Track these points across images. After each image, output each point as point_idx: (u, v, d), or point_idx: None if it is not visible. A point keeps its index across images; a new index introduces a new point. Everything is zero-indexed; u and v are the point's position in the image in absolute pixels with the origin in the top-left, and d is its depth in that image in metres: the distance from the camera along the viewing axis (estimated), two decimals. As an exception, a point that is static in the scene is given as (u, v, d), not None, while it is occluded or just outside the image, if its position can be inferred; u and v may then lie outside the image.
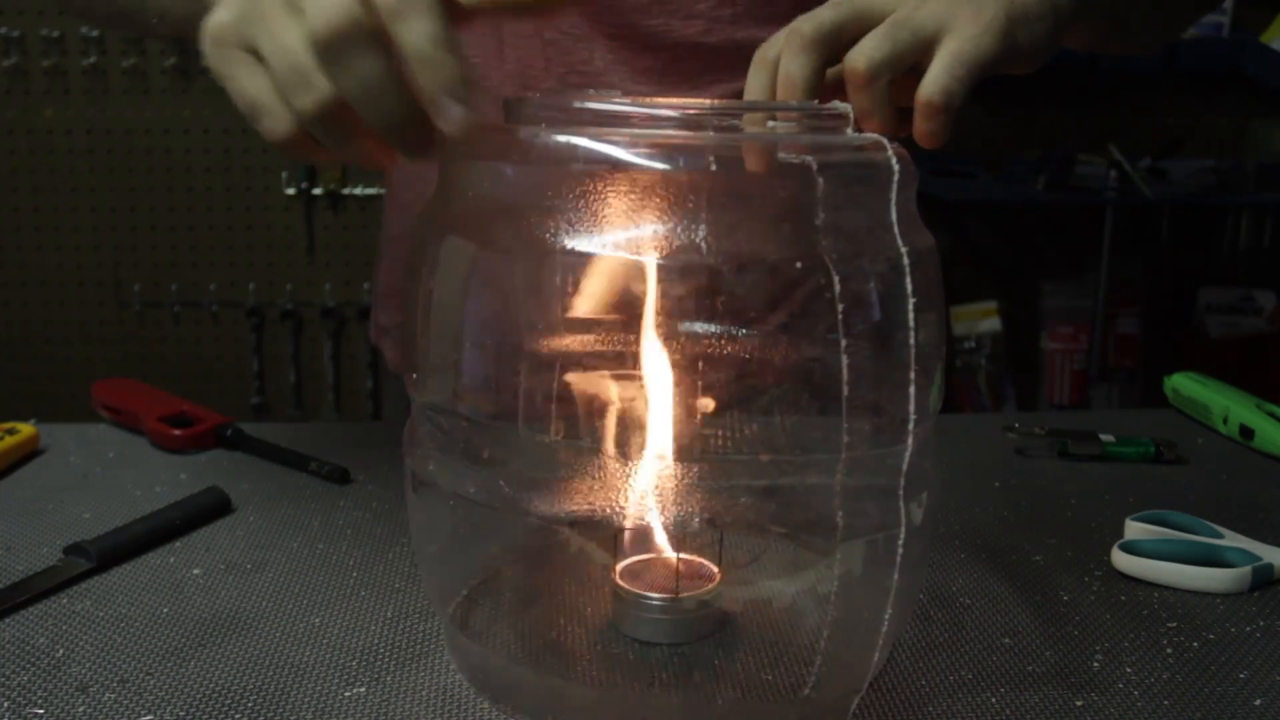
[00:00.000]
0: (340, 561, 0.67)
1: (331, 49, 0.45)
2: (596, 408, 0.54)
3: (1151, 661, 0.57)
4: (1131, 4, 0.72)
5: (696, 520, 0.50)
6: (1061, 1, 0.59)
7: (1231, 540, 0.68)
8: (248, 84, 0.49)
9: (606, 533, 0.60)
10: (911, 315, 0.45)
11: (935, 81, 0.53)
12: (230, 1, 0.49)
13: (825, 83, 0.56)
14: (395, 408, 1.02)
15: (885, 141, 0.48)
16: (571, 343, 0.53)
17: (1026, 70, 0.59)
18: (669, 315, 0.50)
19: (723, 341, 0.53)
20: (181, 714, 0.51)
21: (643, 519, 0.50)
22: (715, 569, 0.59)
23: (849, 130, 0.50)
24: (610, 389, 0.53)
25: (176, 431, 0.85)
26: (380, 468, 0.82)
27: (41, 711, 0.51)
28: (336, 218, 2.50)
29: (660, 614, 0.57)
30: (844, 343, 0.45)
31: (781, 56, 0.55)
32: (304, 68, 0.46)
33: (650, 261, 0.47)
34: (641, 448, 0.52)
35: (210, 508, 0.73)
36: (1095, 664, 0.56)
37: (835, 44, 0.54)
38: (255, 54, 0.48)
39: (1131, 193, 2.32)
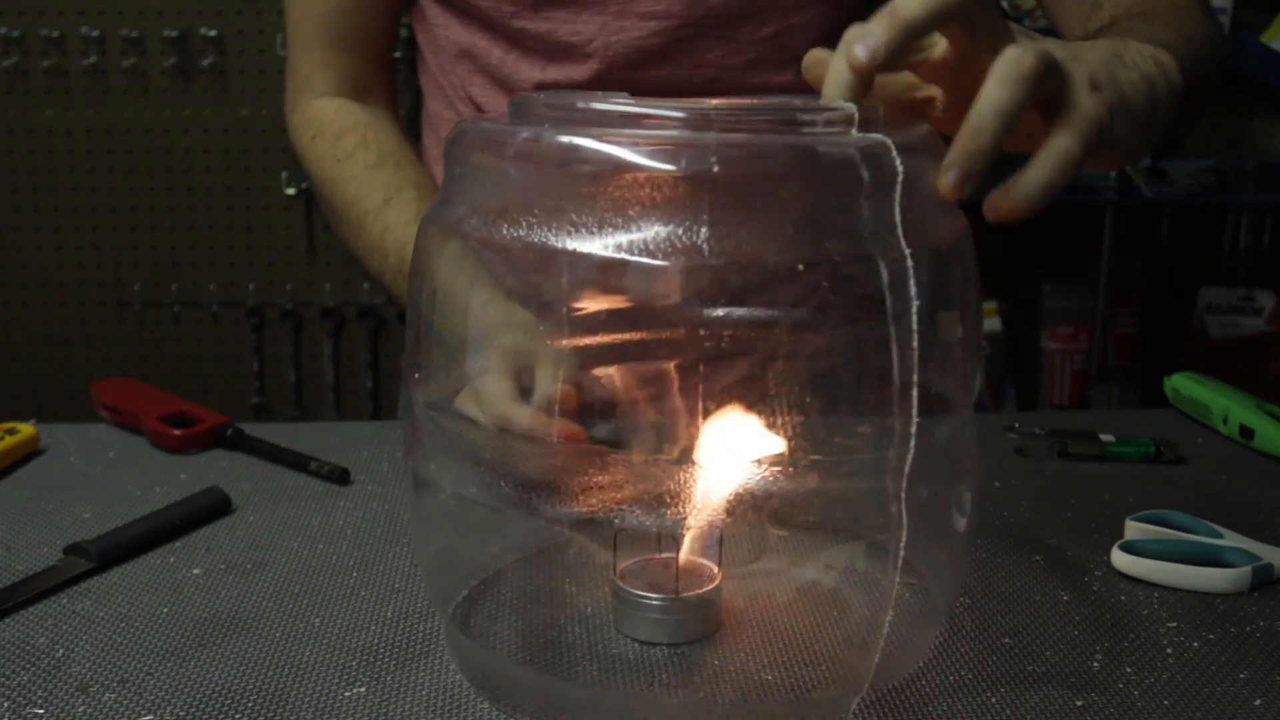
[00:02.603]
0: (340, 561, 0.67)
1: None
2: (598, 407, 0.54)
3: (1151, 661, 0.57)
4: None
5: (700, 520, 0.50)
6: (1162, 104, 0.57)
7: (1231, 540, 0.68)
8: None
9: (606, 533, 0.60)
10: (914, 316, 0.45)
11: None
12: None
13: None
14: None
15: (889, 142, 0.48)
16: (574, 343, 0.53)
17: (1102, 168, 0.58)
18: (673, 315, 0.50)
19: (725, 341, 0.53)
20: (181, 714, 0.51)
21: (644, 519, 0.50)
22: (715, 569, 0.59)
23: (853, 131, 0.50)
24: (611, 389, 0.53)
25: (176, 431, 0.85)
26: (380, 468, 0.82)
27: (41, 711, 0.51)
28: (336, 218, 2.49)
29: (660, 614, 0.57)
30: (830, 337, 0.45)
31: (998, 79, 0.49)
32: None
33: (653, 262, 0.47)
34: (644, 447, 0.52)
35: (210, 508, 0.73)
36: (1095, 664, 0.56)
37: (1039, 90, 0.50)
38: None
39: (1131, 193, 2.32)
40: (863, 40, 0.48)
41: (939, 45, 0.53)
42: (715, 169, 0.46)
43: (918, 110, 0.56)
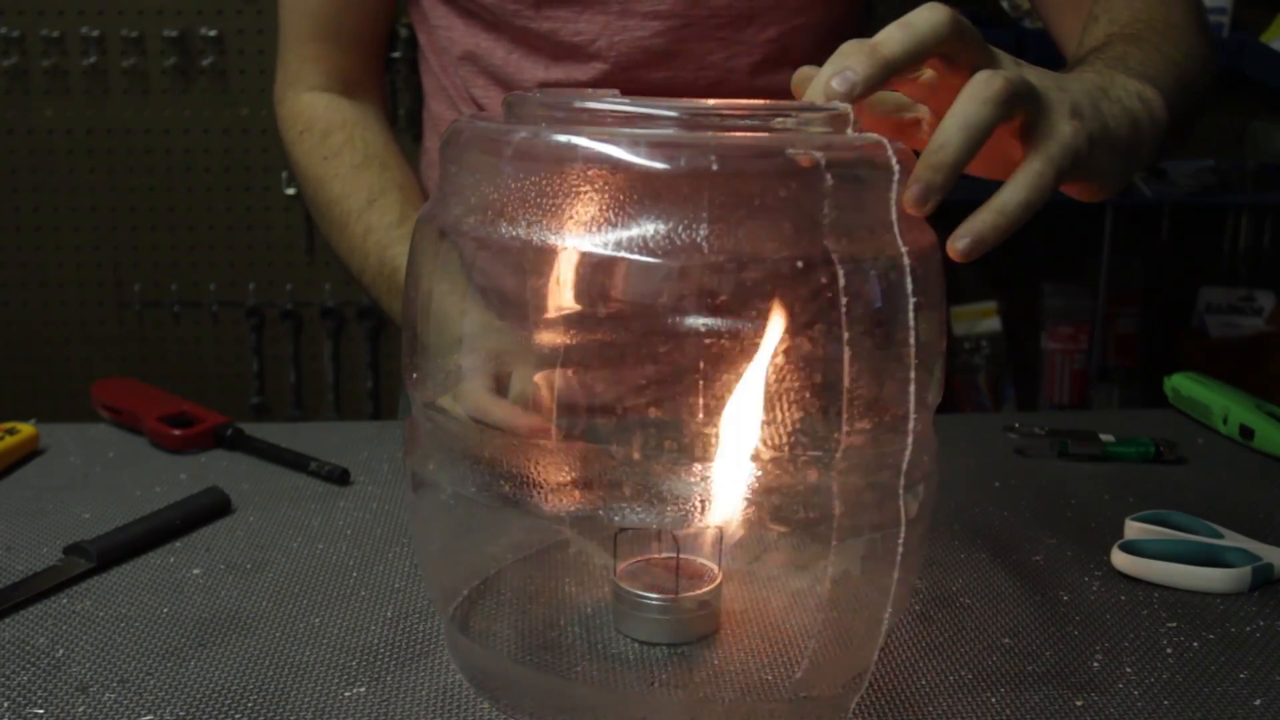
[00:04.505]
0: (340, 561, 0.67)
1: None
2: (597, 407, 0.53)
3: (1151, 661, 0.57)
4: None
5: (697, 520, 0.50)
6: (1145, 139, 0.58)
7: (1231, 540, 0.68)
8: None
9: (606, 533, 0.60)
10: (912, 314, 0.45)
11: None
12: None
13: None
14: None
15: (886, 142, 0.48)
16: (572, 342, 0.53)
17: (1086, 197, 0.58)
18: (670, 314, 0.50)
19: (723, 340, 0.53)
20: (181, 714, 0.51)
21: (644, 519, 0.50)
22: (715, 569, 0.59)
23: (849, 130, 0.50)
24: (610, 388, 0.53)
25: (176, 431, 0.85)
26: (380, 468, 0.82)
27: (41, 711, 0.51)
28: (336, 218, 2.48)
29: (660, 614, 0.57)
30: (846, 337, 0.45)
31: (966, 97, 0.50)
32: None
33: (650, 261, 0.47)
34: (643, 445, 0.52)
35: (210, 508, 0.73)
36: (1095, 664, 0.56)
37: (1010, 113, 0.51)
38: None
39: (1131, 193, 2.32)
40: (841, 75, 0.50)
41: (925, 70, 0.54)
42: (714, 167, 0.46)
43: (906, 131, 0.57)
